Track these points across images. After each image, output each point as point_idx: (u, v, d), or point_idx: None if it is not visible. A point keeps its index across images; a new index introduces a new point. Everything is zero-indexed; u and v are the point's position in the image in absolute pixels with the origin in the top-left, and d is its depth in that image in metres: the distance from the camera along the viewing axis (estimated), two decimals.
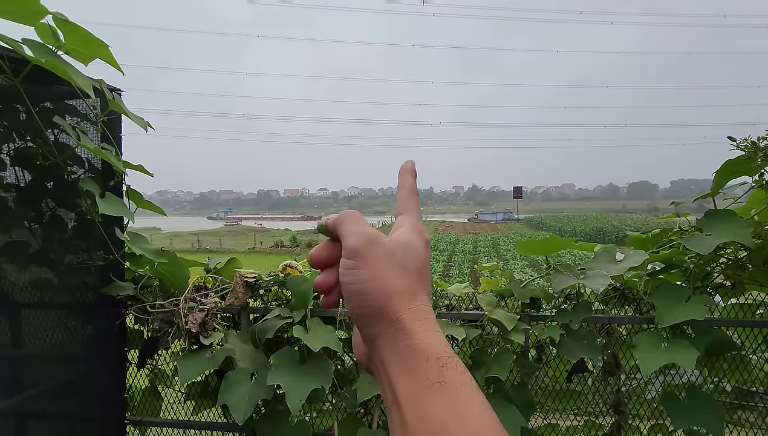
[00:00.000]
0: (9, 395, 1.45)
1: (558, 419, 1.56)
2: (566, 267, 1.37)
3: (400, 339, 0.36)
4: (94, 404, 1.62)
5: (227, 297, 1.55)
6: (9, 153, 1.51)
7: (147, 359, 1.72)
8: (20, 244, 1.53)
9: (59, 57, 1.17)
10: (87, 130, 1.58)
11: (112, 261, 1.56)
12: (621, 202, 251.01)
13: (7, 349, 1.51)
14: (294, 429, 1.44)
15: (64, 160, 1.44)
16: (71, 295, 1.61)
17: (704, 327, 1.27)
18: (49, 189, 1.60)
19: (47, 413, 1.56)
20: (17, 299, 1.51)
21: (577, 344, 1.31)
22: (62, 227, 1.62)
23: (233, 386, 1.37)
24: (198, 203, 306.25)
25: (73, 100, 1.62)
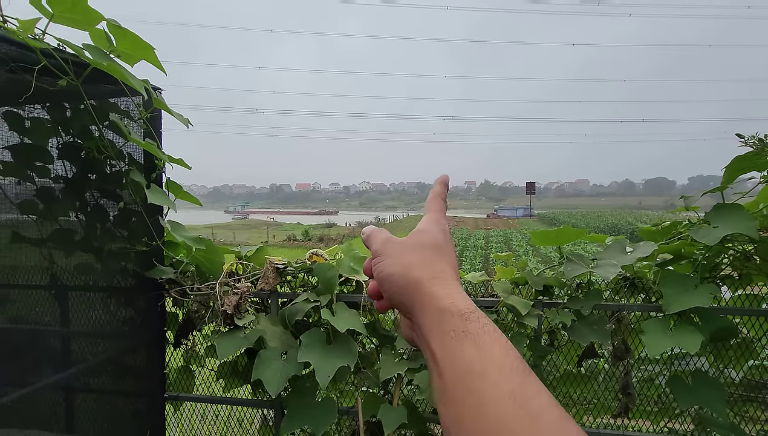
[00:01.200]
0: (60, 369, 1.59)
1: (570, 400, 1.64)
2: (578, 257, 1.45)
3: (427, 303, 0.41)
4: (138, 380, 1.76)
5: (258, 282, 1.67)
6: (58, 147, 1.63)
7: (183, 339, 1.85)
8: (67, 231, 1.66)
9: (115, 60, 1.29)
10: (130, 127, 1.70)
11: (154, 247, 1.68)
12: (637, 199, 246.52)
13: (57, 328, 1.65)
14: (321, 404, 1.55)
15: (113, 154, 1.57)
16: (116, 279, 1.75)
17: (710, 314, 1.34)
18: (92, 181, 1.73)
19: (97, 387, 1.70)
20: (66, 282, 1.65)
21: (587, 329, 1.39)
22: (104, 215, 1.74)
23: (266, 363, 1.49)
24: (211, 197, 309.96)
25: (115, 99, 1.74)
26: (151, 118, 1.67)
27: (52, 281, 1.63)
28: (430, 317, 0.40)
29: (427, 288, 0.41)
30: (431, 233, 0.47)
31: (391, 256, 0.45)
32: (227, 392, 1.92)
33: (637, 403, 1.57)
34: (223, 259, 1.69)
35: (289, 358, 1.51)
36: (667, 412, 1.52)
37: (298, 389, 1.60)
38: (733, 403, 1.64)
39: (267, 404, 1.77)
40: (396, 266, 0.44)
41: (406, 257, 0.45)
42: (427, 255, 0.45)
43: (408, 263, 0.44)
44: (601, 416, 1.60)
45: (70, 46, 1.19)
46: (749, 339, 1.46)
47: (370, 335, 1.70)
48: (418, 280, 0.42)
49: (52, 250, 1.61)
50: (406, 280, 0.43)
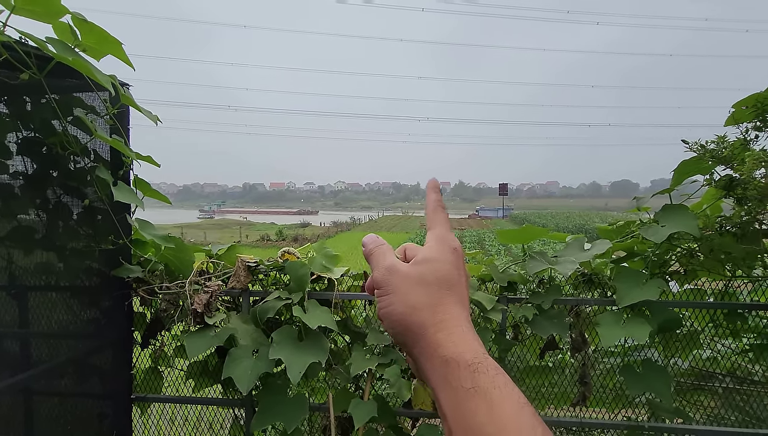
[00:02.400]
0: (18, 372, 1.54)
1: (534, 391, 1.72)
2: (540, 254, 1.53)
3: (431, 352, 0.38)
4: (103, 381, 1.72)
5: (230, 280, 1.67)
6: (17, 142, 1.58)
7: (151, 340, 1.82)
8: (26, 229, 1.61)
9: (80, 55, 1.26)
10: (96, 123, 1.66)
11: (121, 246, 1.65)
12: (604, 200, 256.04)
13: (15, 329, 1.60)
14: (292, 400, 1.57)
15: (77, 151, 1.53)
16: (79, 278, 1.70)
17: (658, 307, 1.45)
18: (54, 177, 1.68)
19: (60, 390, 1.65)
20: (24, 282, 1.60)
21: (548, 322, 1.47)
22: (68, 213, 1.70)
23: (237, 362, 1.49)
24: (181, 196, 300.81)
25: (80, 93, 1.70)
26: (118, 114, 1.64)
27: (10, 281, 1.58)
28: (435, 368, 0.38)
29: (431, 335, 0.38)
30: (439, 261, 0.42)
31: (396, 291, 0.41)
32: (197, 393, 1.90)
33: (597, 393, 1.66)
34: (193, 257, 1.68)
35: (261, 355, 1.51)
36: (621, 400, 1.62)
37: (270, 386, 1.61)
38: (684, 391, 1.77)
39: (238, 402, 1.77)
40: (400, 305, 0.41)
41: (410, 294, 0.41)
42: (434, 293, 0.41)
43: (413, 302, 0.40)
44: (561, 406, 1.68)
45: (32, 39, 1.17)
46: (693, 330, 1.57)
47: (342, 332, 1.73)
48: (422, 325, 0.39)
49: (10, 248, 1.56)
50: (409, 323, 0.40)
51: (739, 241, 1.44)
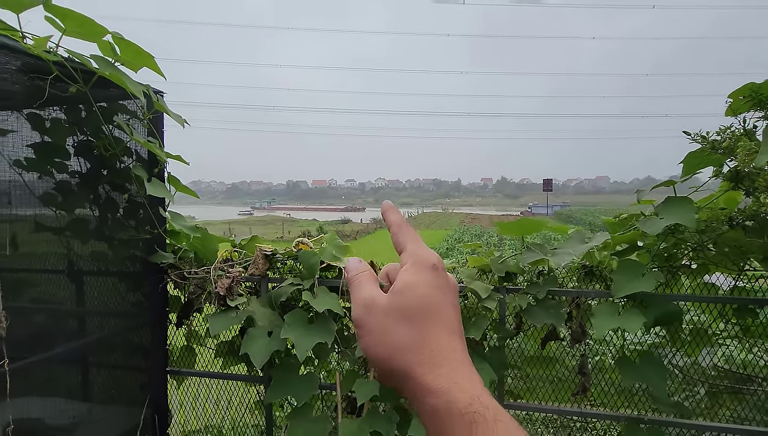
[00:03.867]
0: (73, 340, 1.79)
1: (535, 380, 1.76)
2: (538, 246, 1.57)
3: (421, 398, 0.34)
4: (142, 355, 1.95)
5: (249, 267, 1.84)
6: (74, 145, 1.82)
7: (184, 320, 2.03)
8: (82, 221, 1.86)
9: (117, 68, 1.46)
10: (135, 126, 1.88)
11: (156, 235, 1.87)
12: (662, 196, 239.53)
13: (73, 306, 1.85)
14: (303, 378, 1.71)
15: (120, 151, 1.75)
16: (124, 264, 1.94)
17: (657, 300, 1.44)
18: (104, 175, 1.92)
19: (107, 361, 1.90)
20: (80, 267, 1.84)
21: (543, 311, 1.51)
22: (115, 207, 1.94)
23: (253, 340, 1.65)
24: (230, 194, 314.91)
25: (124, 101, 1.93)
26: (154, 118, 1.85)
27: (69, 265, 1.82)
28: (426, 415, 0.34)
29: (419, 377, 0.34)
30: (419, 285, 0.38)
31: (373, 331, 0.37)
32: (225, 370, 2.10)
33: (601, 388, 1.68)
34: (217, 246, 1.86)
35: (275, 335, 1.67)
36: (624, 394, 1.63)
37: (284, 364, 1.76)
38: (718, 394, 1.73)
39: (258, 379, 1.94)
40: (381, 348, 0.37)
41: (392, 334, 0.36)
42: (417, 327, 0.36)
43: (395, 343, 0.36)
44: (564, 397, 1.71)
45: (78, 57, 1.37)
46: (699, 324, 1.55)
47: (352, 318, 1.85)
48: (407, 368, 0.35)
49: (69, 238, 1.81)
50: (392, 367, 0.36)
51: (748, 234, 1.41)
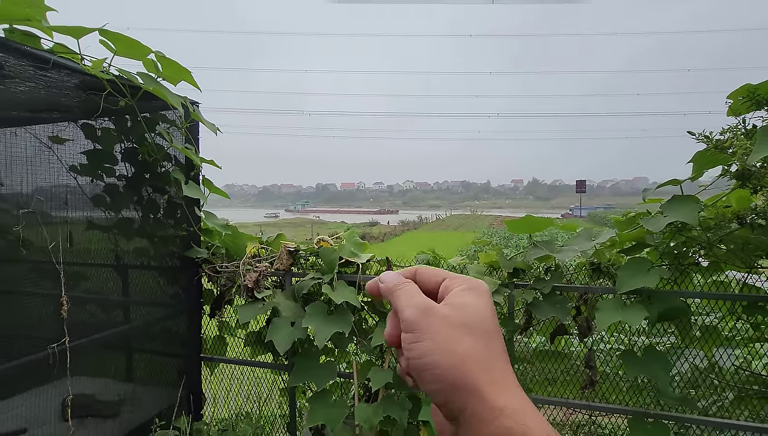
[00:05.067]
0: (118, 326, 1.99)
1: (544, 374, 1.82)
2: (545, 243, 1.63)
3: (489, 417, 0.31)
4: (179, 342, 2.14)
5: (275, 263, 1.99)
6: (121, 151, 2.03)
7: (216, 311, 2.21)
8: (127, 220, 2.06)
9: (159, 83, 1.65)
10: (174, 134, 2.08)
11: (192, 233, 2.06)
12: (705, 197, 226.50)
13: (119, 296, 2.06)
14: (323, 366, 1.84)
15: (160, 157, 1.95)
16: (163, 259, 2.14)
17: (662, 296, 1.48)
18: (147, 179, 2.12)
19: (148, 347, 2.10)
20: (125, 261, 2.05)
21: (550, 306, 1.57)
22: (156, 207, 2.14)
23: (278, 329, 1.80)
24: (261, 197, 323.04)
25: (165, 112, 2.12)
26: (190, 126, 2.04)
27: (116, 260, 2.03)
28: None
29: (489, 397, 0.31)
30: (476, 305, 0.35)
31: (434, 337, 0.34)
32: (253, 358, 2.26)
33: (610, 383, 1.72)
34: (245, 243, 2.03)
35: (297, 325, 1.81)
36: (632, 390, 1.66)
37: (306, 352, 1.90)
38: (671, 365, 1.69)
39: (283, 367, 2.09)
40: (443, 356, 0.33)
41: (455, 342, 0.33)
42: (481, 344, 0.34)
43: (460, 353, 0.33)
44: (573, 391, 1.76)
45: (126, 75, 1.56)
46: (709, 321, 1.57)
47: (371, 311, 1.97)
48: (475, 382, 0.32)
49: (116, 235, 2.02)
50: (456, 379, 0.32)
51: (755, 231, 1.43)
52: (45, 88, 1.68)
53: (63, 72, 1.53)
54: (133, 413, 1.85)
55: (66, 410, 1.47)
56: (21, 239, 1.44)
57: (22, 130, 1.79)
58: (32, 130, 1.81)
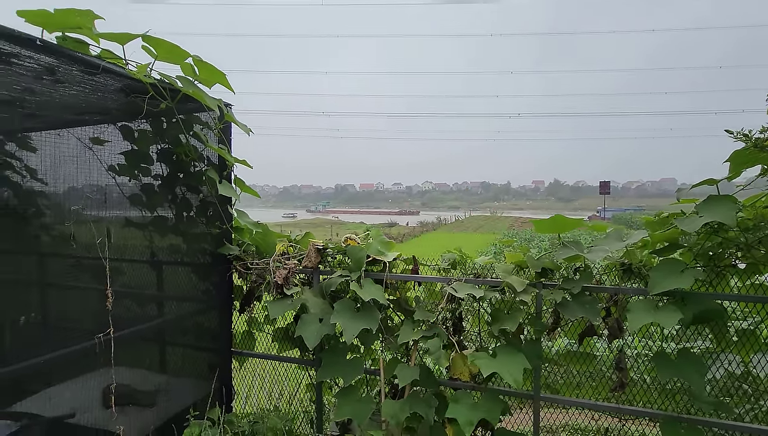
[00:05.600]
0: (153, 319, 2.06)
1: (574, 377, 1.80)
2: (574, 243, 1.62)
3: None
4: (211, 336, 2.21)
5: (303, 260, 2.03)
6: (157, 152, 2.11)
7: (246, 307, 2.28)
8: (162, 218, 2.14)
9: (197, 86, 1.72)
10: (207, 134, 2.15)
11: (224, 230, 2.12)
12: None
13: (154, 291, 2.14)
14: (350, 362, 1.87)
15: (196, 157, 2.02)
16: (196, 256, 2.21)
17: (696, 298, 1.45)
18: (180, 178, 2.20)
19: (182, 341, 2.18)
20: (160, 258, 2.13)
21: (579, 306, 1.56)
22: (189, 206, 2.21)
23: (306, 324, 1.84)
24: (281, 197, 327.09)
25: (199, 113, 2.20)
26: (224, 127, 2.11)
27: (151, 256, 2.12)
28: None
29: None
30: None
31: None
32: (281, 354, 2.32)
33: (640, 386, 1.69)
34: (275, 241, 2.08)
35: (325, 321, 1.85)
36: (663, 394, 1.63)
37: (333, 348, 1.94)
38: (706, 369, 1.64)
39: (310, 362, 2.13)
40: None
41: None
42: None
43: None
44: (602, 394, 1.74)
45: (167, 79, 1.63)
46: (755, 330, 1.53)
47: (397, 309, 1.99)
48: None
49: (151, 232, 2.10)
50: None
51: None
52: (91, 91, 1.77)
53: (108, 76, 1.61)
54: (168, 403, 1.93)
55: (110, 397, 1.55)
56: (72, 235, 1.52)
57: (66, 132, 1.88)
58: (74, 132, 1.90)
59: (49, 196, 1.73)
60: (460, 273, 1.82)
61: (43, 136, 1.74)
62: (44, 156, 1.73)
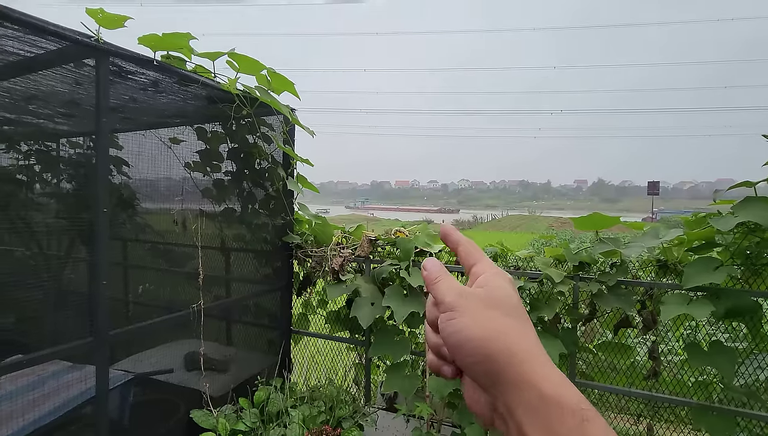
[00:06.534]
0: (221, 299, 2.35)
1: (609, 365, 1.92)
2: (612, 240, 1.74)
3: (524, 385, 0.32)
4: (274, 315, 2.49)
5: (357, 250, 2.26)
6: (227, 151, 2.39)
7: (303, 290, 2.54)
8: (231, 210, 2.42)
9: (270, 95, 1.98)
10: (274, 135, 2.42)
11: (288, 221, 2.39)
12: None
13: (224, 274, 2.43)
14: (398, 342, 2.08)
15: (264, 156, 2.29)
16: (260, 244, 2.49)
17: (731, 294, 1.54)
18: (247, 174, 2.47)
19: (250, 319, 2.47)
20: (228, 245, 2.41)
21: (614, 297, 1.68)
22: (254, 199, 2.49)
23: (360, 307, 2.07)
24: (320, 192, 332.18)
25: (265, 117, 2.46)
26: (289, 129, 2.37)
27: (221, 243, 2.41)
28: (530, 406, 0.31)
29: (519, 364, 0.33)
30: (506, 289, 0.38)
31: (471, 314, 0.35)
32: (333, 333, 2.57)
33: (674, 373, 1.79)
34: (332, 232, 2.32)
35: (376, 305, 2.06)
36: (696, 384, 1.73)
37: (383, 329, 2.15)
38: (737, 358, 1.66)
39: (360, 342, 2.36)
40: (478, 329, 0.34)
41: (490, 318, 0.35)
42: (513, 319, 0.35)
43: (494, 326, 0.35)
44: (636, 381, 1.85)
45: (248, 90, 1.90)
46: None
47: None
48: (509, 351, 0.33)
49: (221, 223, 2.39)
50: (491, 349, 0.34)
51: None
52: (182, 100, 2.07)
53: (196, 86, 1.90)
54: (240, 370, 2.22)
55: (199, 360, 1.83)
56: (176, 221, 1.81)
57: (151, 133, 2.19)
58: (159, 133, 2.21)
59: (147, 188, 2.05)
60: (501, 265, 1.98)
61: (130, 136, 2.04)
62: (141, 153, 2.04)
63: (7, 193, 1.93)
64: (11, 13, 1.19)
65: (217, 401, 1.99)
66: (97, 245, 1.45)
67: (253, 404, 2.02)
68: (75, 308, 1.55)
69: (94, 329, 1.43)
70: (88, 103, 1.94)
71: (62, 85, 1.79)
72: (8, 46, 1.42)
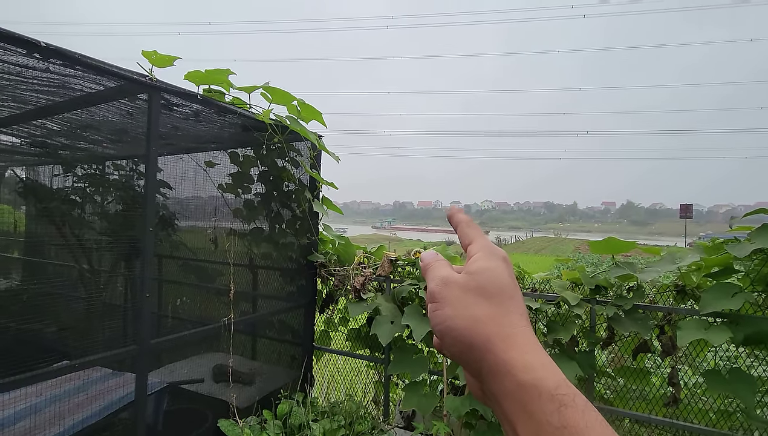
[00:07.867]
0: (248, 314, 2.46)
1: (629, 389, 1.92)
2: (628, 264, 1.77)
3: (502, 373, 0.32)
4: (297, 332, 2.59)
5: (378, 269, 2.35)
6: (257, 173, 2.55)
7: (326, 308, 2.63)
8: (259, 229, 2.57)
9: (300, 123, 2.13)
10: (301, 160, 2.57)
11: (313, 241, 2.51)
12: None
13: (252, 290, 2.55)
14: (416, 360, 2.13)
15: (292, 179, 2.44)
16: (285, 262, 2.62)
17: (748, 319, 1.54)
18: (275, 196, 2.62)
19: (275, 335, 2.58)
20: (256, 262, 2.54)
21: (630, 321, 1.70)
22: (281, 219, 2.63)
23: (380, 325, 2.14)
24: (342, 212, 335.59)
25: (293, 142, 2.62)
26: (315, 154, 2.52)
27: (249, 261, 2.54)
28: (508, 393, 0.32)
29: (501, 351, 0.33)
30: (493, 270, 0.37)
31: (452, 304, 0.36)
32: (353, 350, 2.64)
33: (693, 401, 1.78)
34: (355, 252, 2.42)
35: (395, 323, 2.13)
36: (719, 410, 1.70)
37: (402, 347, 2.22)
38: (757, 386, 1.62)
39: (379, 360, 2.42)
40: (460, 319, 0.35)
41: (470, 306, 0.35)
42: (495, 304, 0.35)
43: (473, 315, 0.35)
44: (655, 410, 1.84)
45: (280, 119, 2.06)
46: None
47: None
48: (489, 339, 0.33)
49: (250, 241, 2.53)
50: (472, 338, 0.34)
51: None
52: (219, 127, 2.26)
53: (233, 116, 2.07)
54: (264, 383, 2.31)
55: (228, 371, 1.94)
56: (212, 240, 1.96)
57: (188, 157, 2.37)
58: (195, 157, 2.39)
59: (184, 208, 2.22)
60: None
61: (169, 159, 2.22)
62: (178, 175, 2.21)
63: (62, 212, 2.13)
64: (82, 58, 1.38)
65: (243, 412, 2.08)
66: (143, 261, 1.60)
67: (276, 416, 2.10)
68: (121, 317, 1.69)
69: (138, 338, 1.56)
70: (137, 131, 2.15)
71: (116, 116, 1.99)
72: (75, 84, 1.62)
